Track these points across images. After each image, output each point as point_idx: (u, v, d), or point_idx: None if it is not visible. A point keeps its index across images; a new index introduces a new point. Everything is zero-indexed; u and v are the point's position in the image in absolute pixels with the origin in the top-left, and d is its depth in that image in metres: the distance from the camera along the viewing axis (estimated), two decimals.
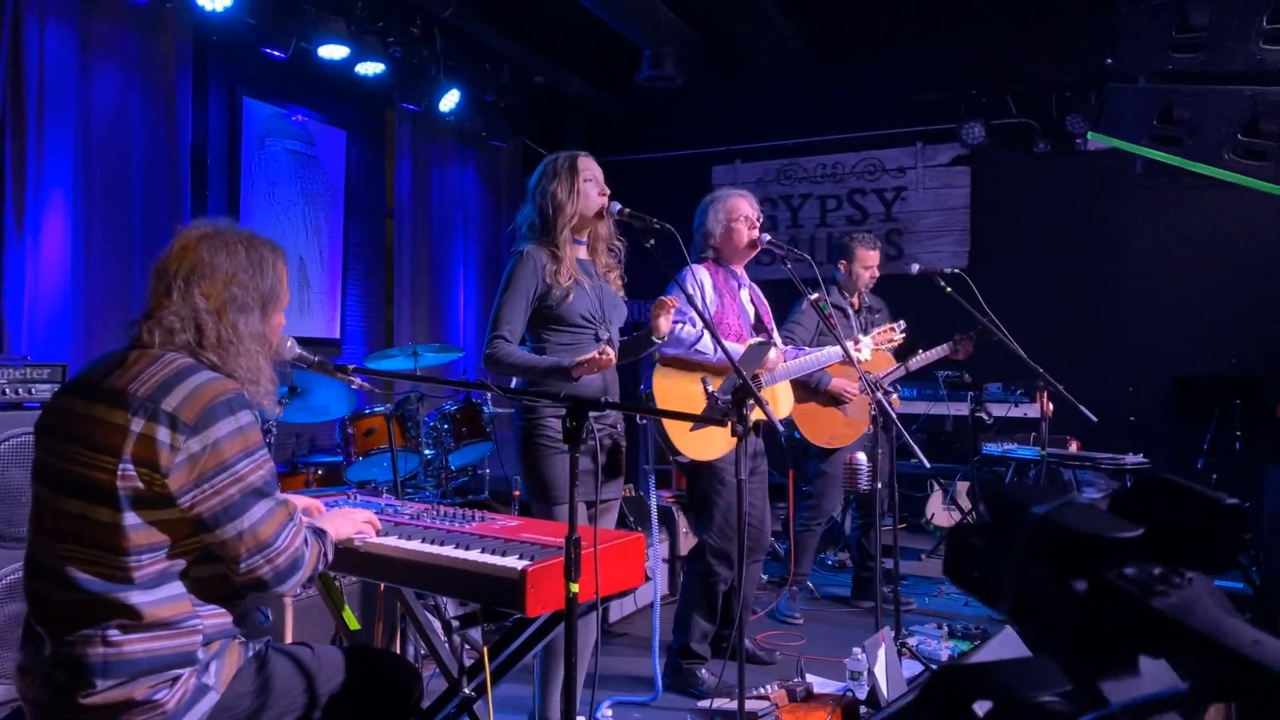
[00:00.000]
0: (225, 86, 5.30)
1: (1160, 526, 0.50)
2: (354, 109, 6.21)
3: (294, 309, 5.72)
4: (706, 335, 3.25)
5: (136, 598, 1.62)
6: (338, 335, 6.11)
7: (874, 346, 3.59)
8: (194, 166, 5.00)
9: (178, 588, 1.67)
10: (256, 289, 1.78)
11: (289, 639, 3.15)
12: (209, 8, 4.52)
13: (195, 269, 1.73)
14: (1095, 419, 3.91)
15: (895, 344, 3.69)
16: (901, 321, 3.71)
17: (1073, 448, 5.00)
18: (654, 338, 2.91)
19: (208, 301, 1.73)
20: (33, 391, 3.25)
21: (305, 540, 1.76)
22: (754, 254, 3.58)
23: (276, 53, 5.07)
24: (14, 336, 4.06)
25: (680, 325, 3.27)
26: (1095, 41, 6.05)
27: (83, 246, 4.35)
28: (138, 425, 1.60)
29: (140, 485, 1.61)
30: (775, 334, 3.66)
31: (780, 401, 3.61)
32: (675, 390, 3.33)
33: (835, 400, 4.24)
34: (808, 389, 4.19)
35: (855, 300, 4.53)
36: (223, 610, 1.75)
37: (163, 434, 1.60)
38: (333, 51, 5.25)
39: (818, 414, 4.27)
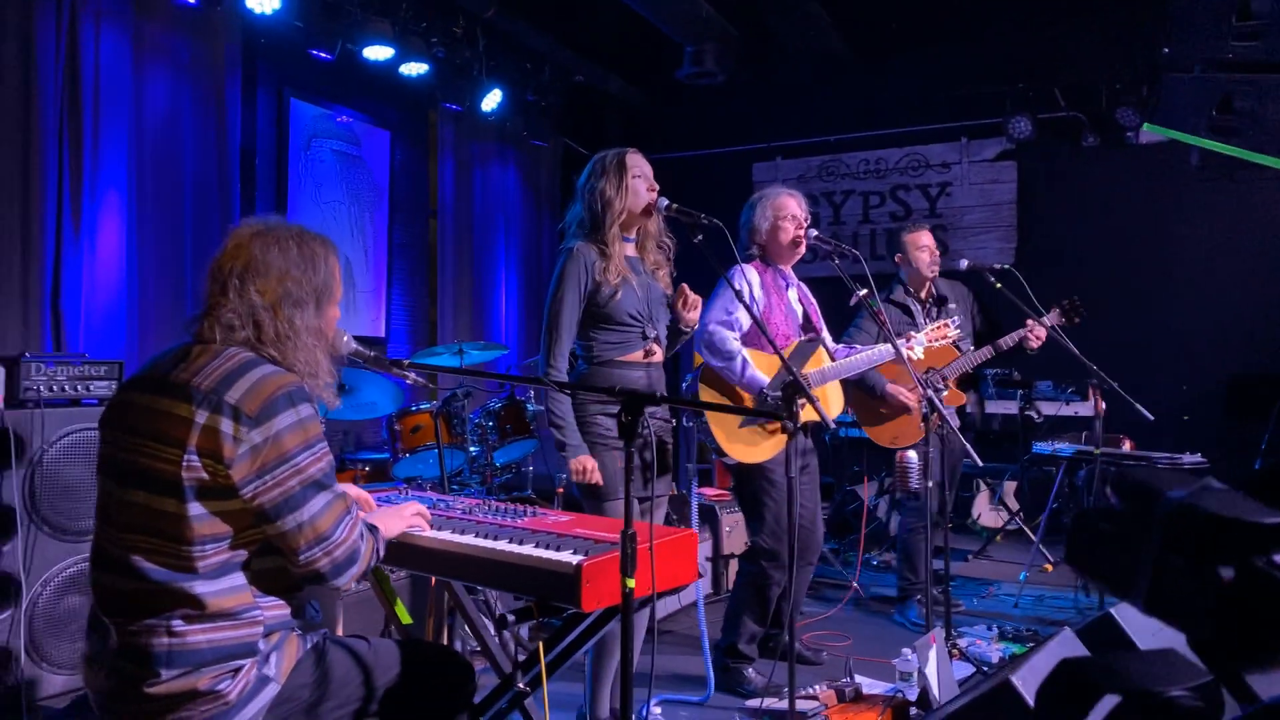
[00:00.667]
0: (273, 88, 5.38)
1: None
2: (398, 109, 6.27)
3: (340, 307, 5.79)
4: (739, 359, 3.22)
5: (200, 587, 1.64)
6: (383, 334, 6.17)
7: (926, 344, 3.52)
8: (243, 167, 5.08)
9: (239, 579, 1.69)
10: (310, 284, 1.81)
11: (340, 633, 3.19)
12: (258, 10, 4.59)
13: (249, 266, 1.76)
14: (1152, 418, 3.82)
15: (950, 340, 3.62)
16: (956, 318, 3.64)
17: (1126, 447, 4.89)
18: (682, 328, 2.90)
19: (263, 298, 1.75)
20: (90, 389, 3.32)
21: (361, 534, 1.78)
22: (800, 252, 3.54)
23: (323, 54, 5.13)
24: (71, 334, 4.15)
25: (724, 333, 3.25)
26: (1147, 31, 5.92)
27: (136, 246, 4.44)
28: (202, 417, 1.63)
29: (205, 476, 1.63)
30: (825, 333, 3.63)
31: (830, 401, 3.57)
32: (718, 394, 3.31)
33: (893, 405, 4.14)
34: (869, 392, 4.12)
35: (924, 293, 4.38)
36: (282, 602, 1.77)
37: (226, 425, 1.62)
38: (377, 52, 5.31)
39: (880, 415, 4.16)
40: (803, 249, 3.52)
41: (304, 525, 1.67)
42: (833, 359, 3.51)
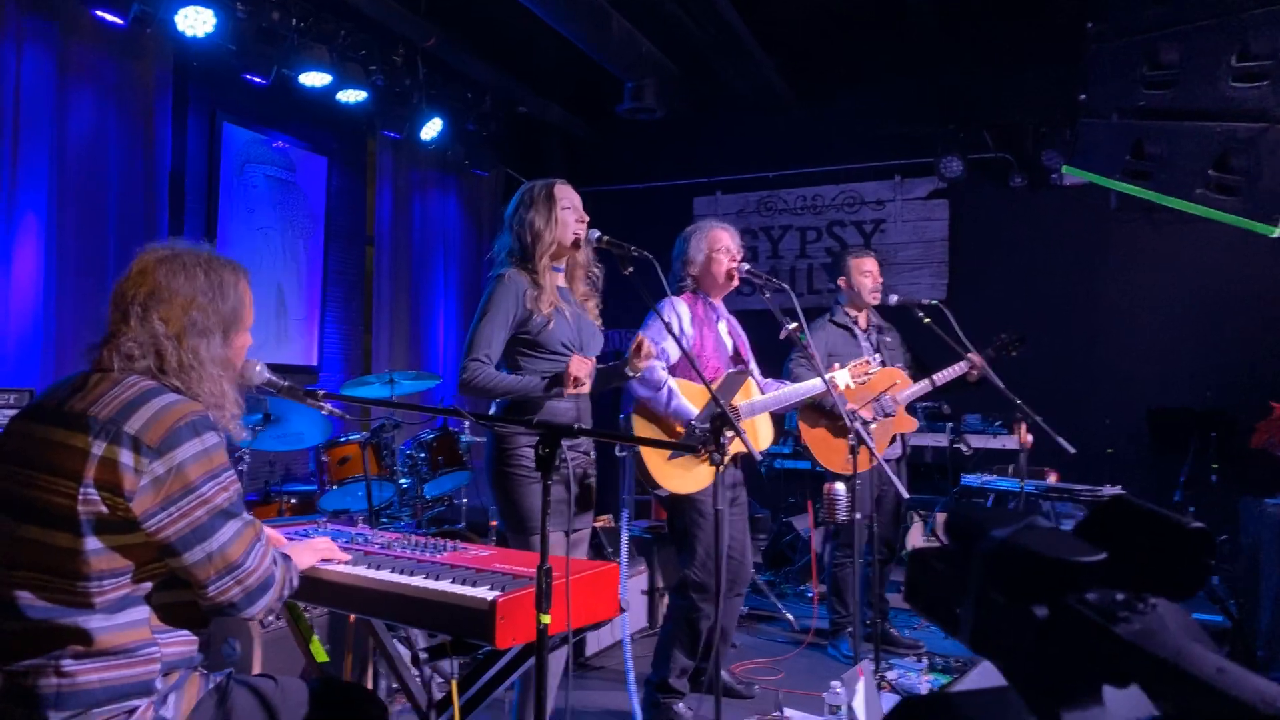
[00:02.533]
0: (205, 111, 5.29)
1: (1124, 551, 0.49)
2: (335, 136, 6.21)
3: (271, 335, 5.67)
4: (665, 389, 3.24)
5: (94, 623, 1.57)
6: (315, 362, 6.05)
7: (851, 381, 3.57)
8: (172, 191, 4.97)
9: (139, 613, 1.63)
10: (217, 312, 1.75)
11: (257, 670, 3.08)
12: (190, 33, 4.52)
13: (153, 293, 1.71)
14: (1073, 450, 3.92)
15: (870, 376, 3.68)
16: (877, 355, 3.71)
17: (1051, 479, 5.01)
18: (628, 371, 2.89)
19: (167, 326, 1.70)
20: (12, 417, 3.20)
21: (275, 560, 1.73)
22: (733, 286, 3.58)
23: (257, 79, 5.07)
24: None
25: (653, 364, 3.26)
26: (1070, 78, 6.16)
27: (55, 271, 4.30)
28: (99, 448, 1.57)
29: (103, 510, 1.57)
30: (753, 365, 3.66)
31: (760, 433, 3.59)
32: (652, 427, 3.32)
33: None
34: (824, 414, 4.13)
35: (862, 319, 4.43)
36: (186, 637, 1.70)
37: (126, 457, 1.56)
38: (314, 79, 5.26)
39: (831, 440, 4.17)
40: (736, 282, 3.55)
41: (214, 555, 1.62)
42: (762, 391, 3.54)
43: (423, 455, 4.41)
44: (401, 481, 4.43)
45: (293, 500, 4.44)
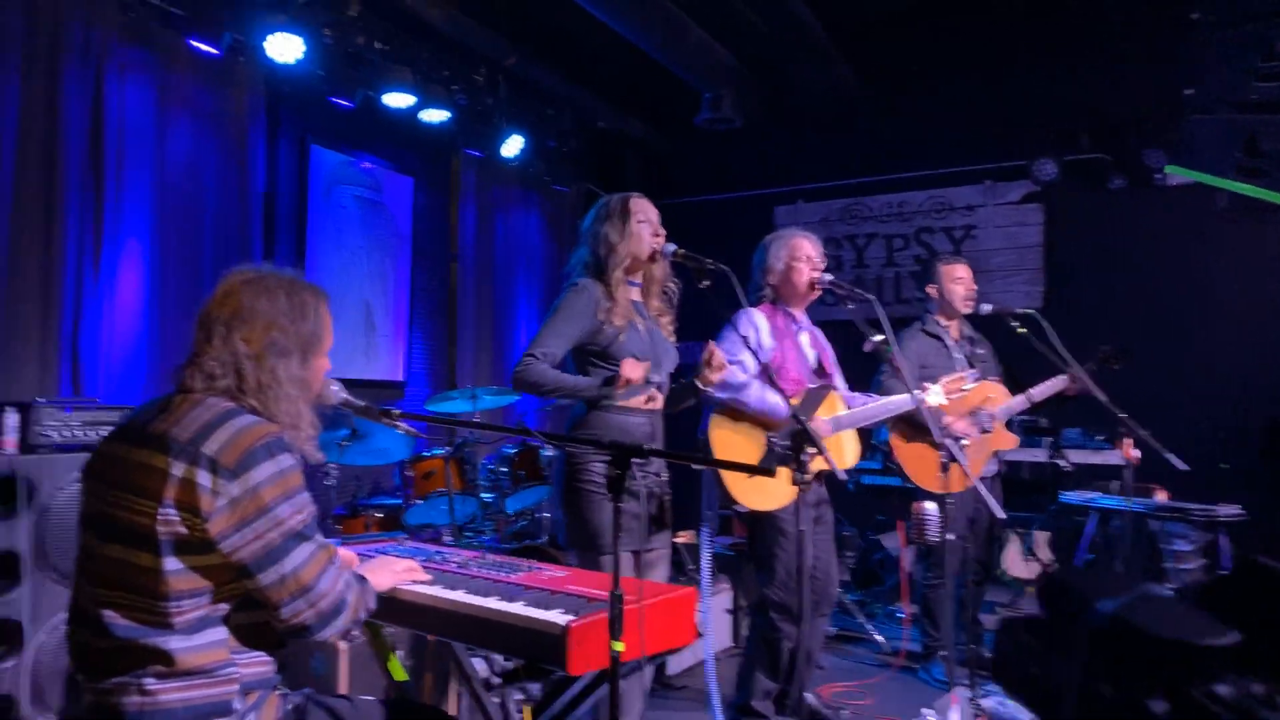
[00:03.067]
0: (295, 136, 5.45)
1: (1262, 627, 0.40)
2: (420, 156, 6.33)
3: (359, 352, 5.80)
4: (752, 386, 3.15)
5: (174, 643, 1.59)
6: (402, 378, 6.17)
7: (944, 397, 3.42)
8: (264, 214, 5.13)
9: (218, 634, 1.64)
10: (296, 333, 1.77)
11: (343, 688, 3.12)
12: (279, 60, 4.66)
13: (236, 314, 1.74)
14: (1183, 466, 3.67)
15: (966, 392, 3.52)
16: (973, 371, 3.54)
17: (1160, 497, 4.72)
18: (699, 385, 2.82)
19: (248, 346, 1.72)
20: (102, 434, 3.32)
21: (348, 584, 1.73)
22: (815, 296, 3.48)
23: (344, 102, 5.20)
24: (90, 380, 4.18)
25: (731, 368, 3.17)
26: (1175, 72, 5.84)
27: (157, 293, 4.48)
28: (179, 469, 1.59)
29: (182, 530, 1.59)
30: (838, 378, 3.55)
31: (845, 450, 3.47)
32: (734, 437, 3.23)
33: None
34: (919, 429, 3.88)
35: (953, 329, 4.25)
36: (263, 658, 1.71)
37: (204, 478, 1.58)
38: (398, 100, 5.37)
39: (927, 457, 3.86)
40: (818, 292, 3.45)
41: (286, 578, 1.62)
42: (847, 406, 3.42)
43: (504, 470, 4.43)
44: (484, 496, 4.45)
45: (379, 515, 4.50)
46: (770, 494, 3.21)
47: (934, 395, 3.36)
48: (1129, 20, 6.02)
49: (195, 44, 4.48)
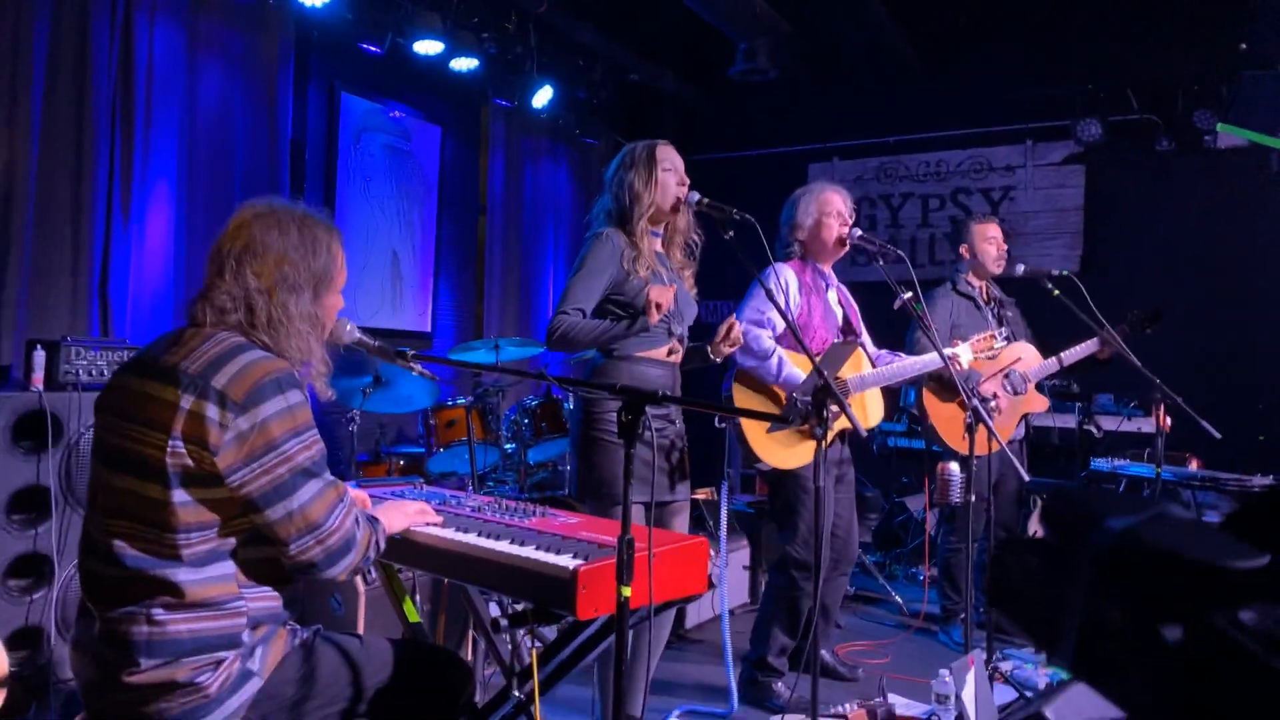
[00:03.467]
0: (324, 82, 5.41)
1: None
2: (449, 105, 6.27)
3: (386, 302, 5.81)
4: (774, 357, 3.10)
5: (183, 575, 1.60)
6: (429, 329, 6.17)
7: (972, 356, 3.36)
8: (292, 159, 5.11)
9: (225, 568, 1.65)
10: (308, 269, 1.75)
11: (361, 629, 3.16)
12: (310, 4, 4.61)
13: (247, 248, 1.72)
14: (1219, 436, 3.58)
15: (995, 352, 3.44)
16: (1004, 329, 3.47)
17: (1193, 466, 4.62)
18: (711, 355, 2.78)
19: (258, 281, 1.70)
20: (114, 371, 3.36)
21: (357, 522, 1.72)
22: (843, 252, 3.41)
23: (374, 48, 5.14)
24: (118, 320, 4.21)
25: (757, 332, 3.12)
26: (1228, 28, 5.60)
27: (185, 235, 4.50)
28: (187, 402, 1.59)
29: (190, 463, 1.59)
30: (864, 336, 3.49)
31: (869, 408, 3.42)
32: (755, 397, 3.20)
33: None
34: (952, 390, 3.81)
35: (984, 290, 4.18)
36: (270, 594, 1.72)
37: (212, 411, 1.58)
38: (428, 47, 5.30)
39: (958, 417, 3.76)
40: (846, 248, 3.38)
41: (294, 514, 1.62)
42: (874, 364, 3.37)
43: (526, 421, 4.42)
44: (506, 446, 4.46)
45: (401, 461, 4.53)
46: (793, 452, 3.18)
47: (964, 354, 3.29)
48: None
49: None
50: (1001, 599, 0.46)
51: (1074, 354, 3.97)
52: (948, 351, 3.20)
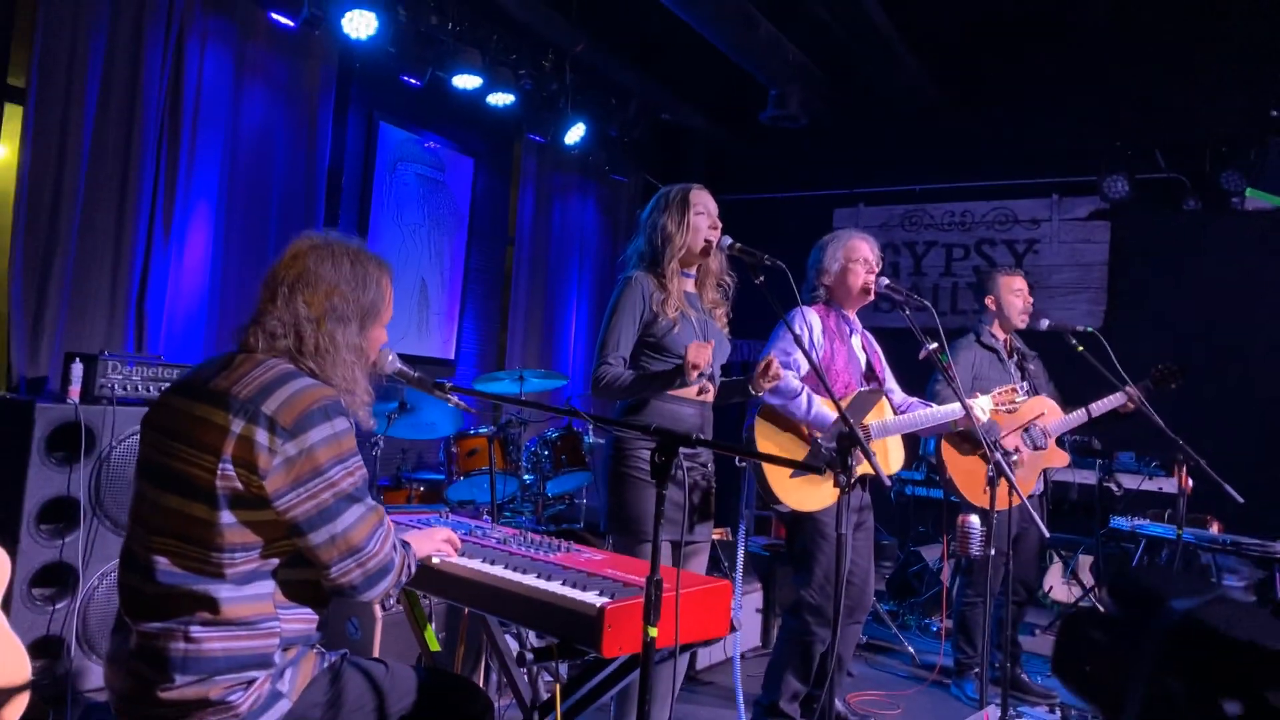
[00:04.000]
0: (364, 111, 5.53)
1: None
2: (483, 138, 6.39)
3: (413, 328, 5.88)
4: (803, 395, 3.13)
5: (224, 592, 1.63)
6: (453, 356, 6.24)
7: (993, 408, 3.38)
8: (329, 186, 5.22)
9: (265, 587, 1.69)
10: (357, 301, 1.81)
11: (376, 653, 3.17)
12: (354, 35, 4.73)
13: (300, 277, 1.77)
14: (1241, 500, 3.57)
15: (1016, 405, 3.46)
16: (1025, 383, 3.48)
17: (1213, 529, 4.59)
18: (751, 390, 2.82)
19: (309, 309, 1.76)
20: (162, 389, 3.42)
21: (395, 546, 1.77)
22: (868, 299, 3.44)
23: (413, 80, 5.26)
24: (153, 337, 4.29)
25: (785, 372, 3.16)
26: (1259, 90, 5.64)
27: (222, 256, 4.59)
28: (238, 426, 1.63)
29: (239, 485, 1.63)
30: (890, 382, 3.51)
31: (890, 455, 3.44)
32: (777, 437, 3.21)
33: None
34: (973, 442, 3.83)
35: (1007, 342, 4.19)
36: (306, 615, 1.75)
37: (261, 436, 1.62)
38: (466, 81, 5.42)
39: (979, 471, 3.74)
40: (872, 295, 3.42)
41: (337, 538, 1.66)
42: (896, 412, 3.39)
43: (547, 453, 4.45)
44: (525, 477, 4.49)
45: (421, 488, 4.57)
46: (814, 495, 3.19)
47: (984, 405, 3.31)
48: (1213, 34, 5.83)
49: (274, 16, 4.56)
50: (1065, 668, 0.48)
51: (1101, 406, 3.97)
52: (970, 402, 3.22)
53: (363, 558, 1.69)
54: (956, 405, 3.25)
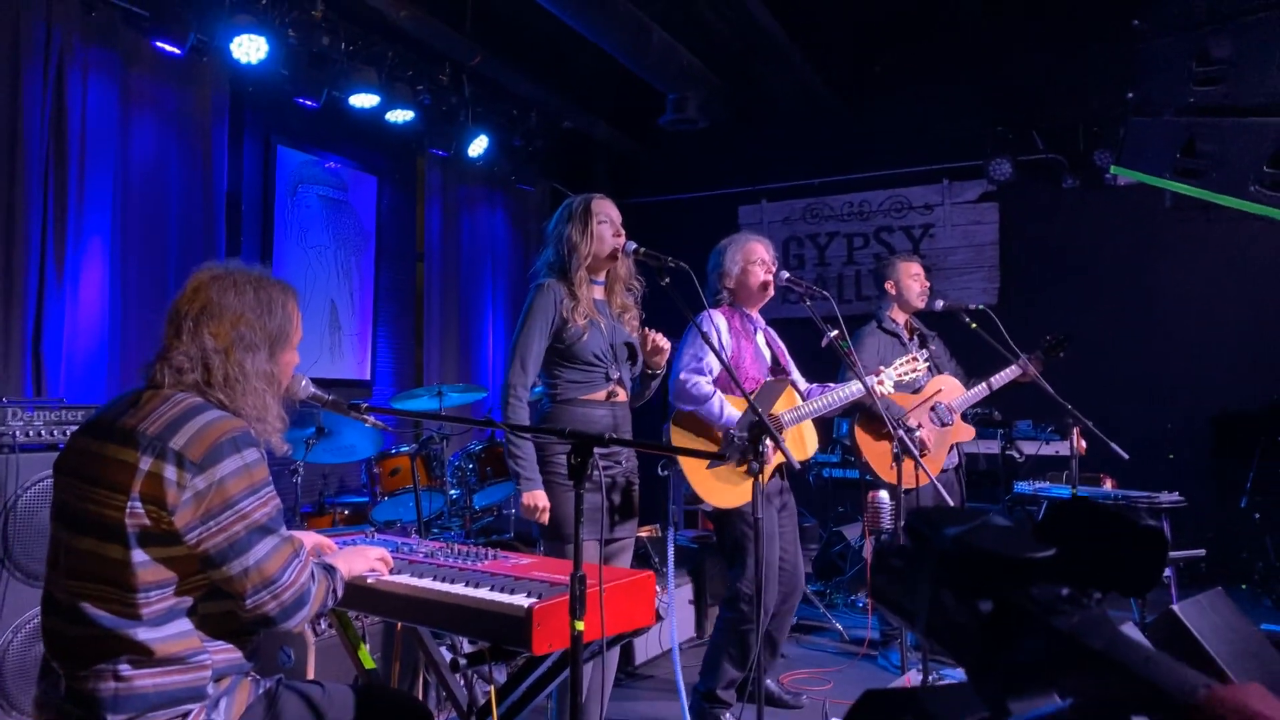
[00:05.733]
0: (260, 135, 5.46)
1: (1078, 549, 0.49)
2: (385, 155, 6.36)
3: (325, 351, 5.82)
4: (715, 399, 3.26)
5: (145, 634, 1.64)
6: (368, 377, 6.19)
7: (896, 378, 3.55)
8: (229, 213, 5.14)
9: (186, 624, 1.69)
10: (264, 328, 1.81)
11: (311, 677, 3.16)
12: (244, 60, 4.67)
13: (204, 309, 1.78)
14: (1126, 456, 3.83)
15: (919, 374, 3.64)
16: (924, 350, 3.67)
17: (1107, 486, 4.88)
18: (649, 370, 2.94)
19: (215, 340, 1.76)
20: (67, 433, 3.33)
21: (312, 575, 1.78)
22: (769, 296, 3.58)
23: (309, 102, 5.22)
24: (52, 379, 4.17)
25: (695, 378, 3.28)
26: (1122, 74, 6.01)
27: (119, 293, 4.48)
28: (146, 463, 1.64)
29: (148, 522, 1.63)
30: (794, 374, 3.65)
31: (806, 440, 3.58)
32: (693, 442, 3.33)
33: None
34: (879, 421, 3.96)
35: (907, 324, 4.37)
36: (232, 646, 1.76)
37: (170, 471, 1.63)
38: (363, 100, 5.40)
39: (888, 449, 3.86)
40: (771, 292, 3.56)
41: (250, 570, 1.67)
42: (803, 398, 3.53)
43: (471, 466, 4.48)
44: (451, 492, 4.50)
45: (345, 511, 4.54)
46: (734, 490, 3.31)
47: (888, 379, 3.47)
48: (1080, 24, 6.20)
49: (159, 44, 4.48)
50: (879, 594, 0.58)
51: (1000, 379, 4.20)
52: (871, 379, 3.38)
53: (277, 589, 1.69)
54: (858, 384, 3.40)
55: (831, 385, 3.66)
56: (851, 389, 3.48)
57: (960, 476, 4.44)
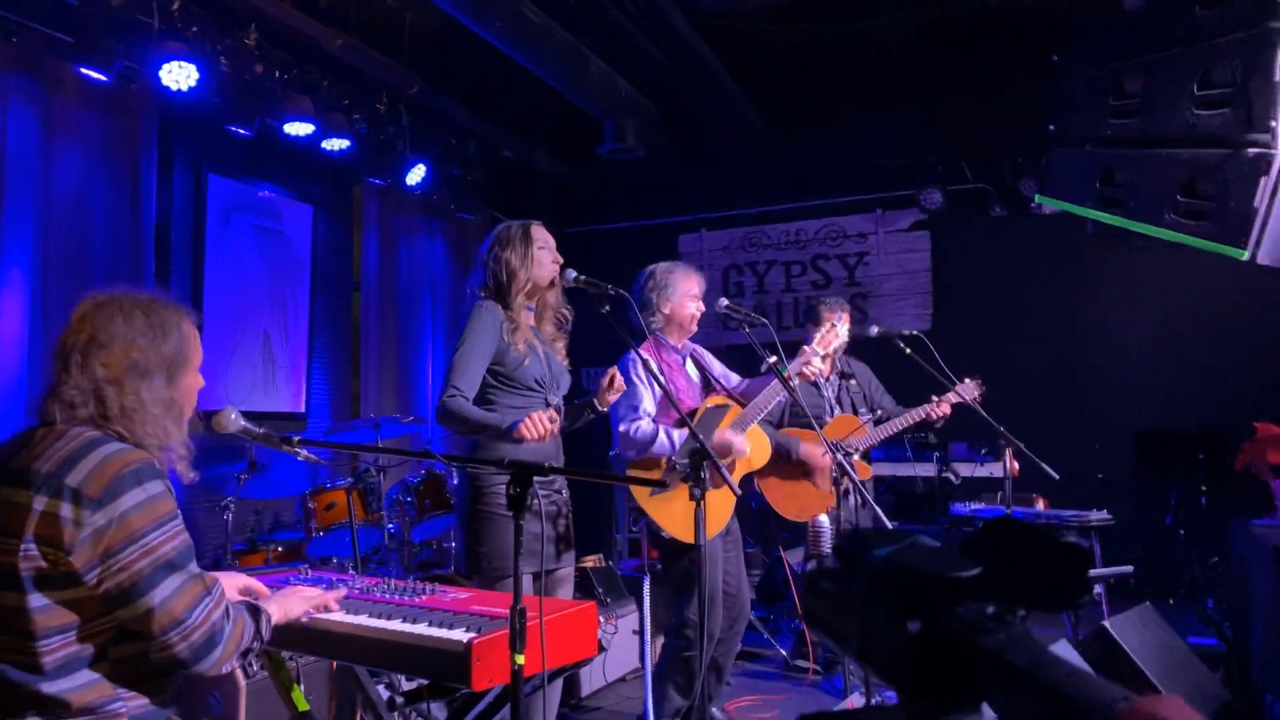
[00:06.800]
0: (191, 164, 5.34)
1: (1004, 567, 0.50)
2: (320, 184, 6.27)
3: (259, 384, 5.68)
4: (661, 435, 3.26)
5: (51, 687, 1.55)
6: (303, 409, 6.05)
7: (822, 353, 3.57)
8: (158, 243, 5.01)
9: (93, 673, 1.60)
10: (158, 353, 1.73)
11: None
12: (174, 88, 4.57)
13: (92, 340, 1.69)
14: (1056, 476, 3.93)
15: (840, 339, 3.70)
16: (839, 311, 3.74)
17: (1039, 506, 5.00)
18: (598, 405, 2.92)
19: (107, 371, 1.68)
20: None
21: (226, 614, 1.69)
22: (694, 328, 3.62)
23: (242, 130, 5.12)
24: None
25: (635, 426, 3.27)
26: (1045, 108, 6.25)
27: (40, 327, 4.32)
28: (40, 503, 1.56)
29: (43, 564, 1.55)
30: (732, 380, 3.69)
31: (765, 450, 3.60)
32: (645, 469, 3.33)
33: (805, 470, 4.16)
34: (777, 457, 4.08)
35: (826, 367, 4.45)
36: (147, 692, 1.68)
37: (66, 510, 1.55)
38: (298, 129, 5.32)
39: (786, 485, 4.15)
40: (695, 327, 3.62)
41: (155, 610, 1.58)
42: (742, 405, 3.55)
43: (410, 499, 4.40)
44: (389, 526, 4.41)
45: (279, 548, 4.41)
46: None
47: (815, 358, 3.48)
48: (1003, 59, 6.43)
49: (84, 71, 4.35)
50: (810, 618, 0.59)
51: (905, 421, 4.27)
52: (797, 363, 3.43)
53: (186, 629, 1.60)
54: (776, 383, 3.40)
55: (747, 380, 3.70)
56: (773, 387, 3.46)
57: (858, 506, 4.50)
